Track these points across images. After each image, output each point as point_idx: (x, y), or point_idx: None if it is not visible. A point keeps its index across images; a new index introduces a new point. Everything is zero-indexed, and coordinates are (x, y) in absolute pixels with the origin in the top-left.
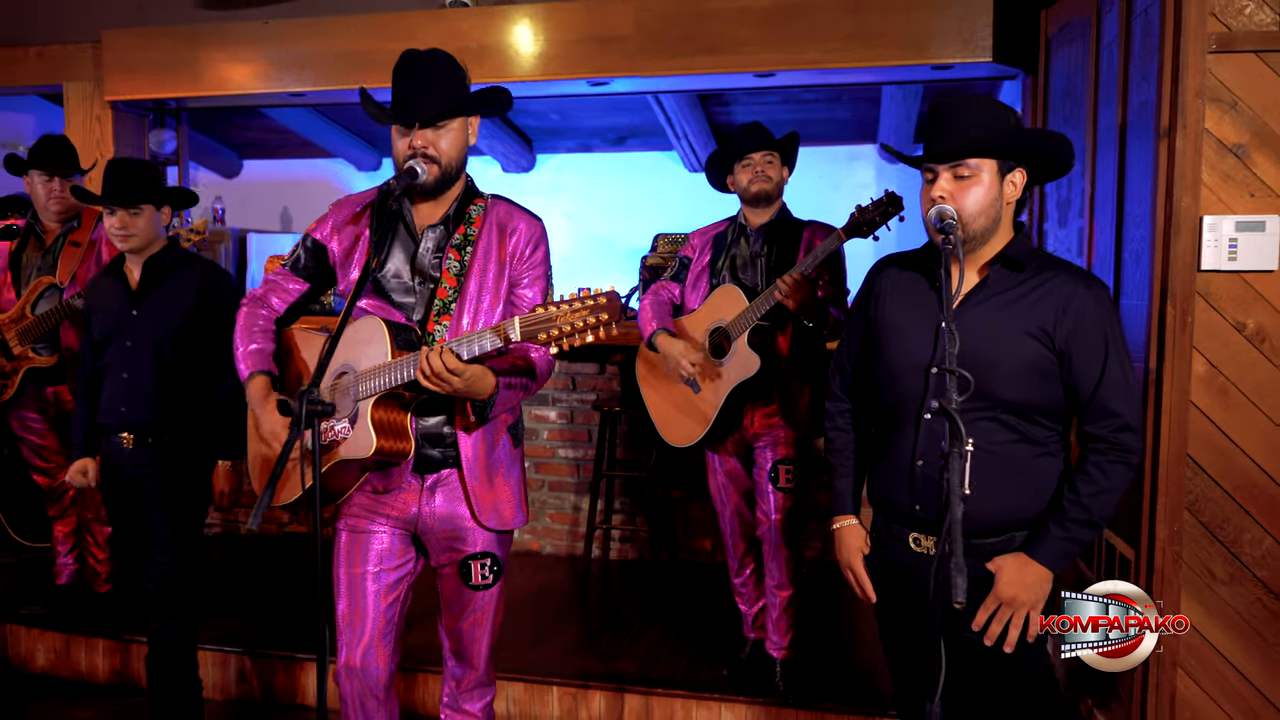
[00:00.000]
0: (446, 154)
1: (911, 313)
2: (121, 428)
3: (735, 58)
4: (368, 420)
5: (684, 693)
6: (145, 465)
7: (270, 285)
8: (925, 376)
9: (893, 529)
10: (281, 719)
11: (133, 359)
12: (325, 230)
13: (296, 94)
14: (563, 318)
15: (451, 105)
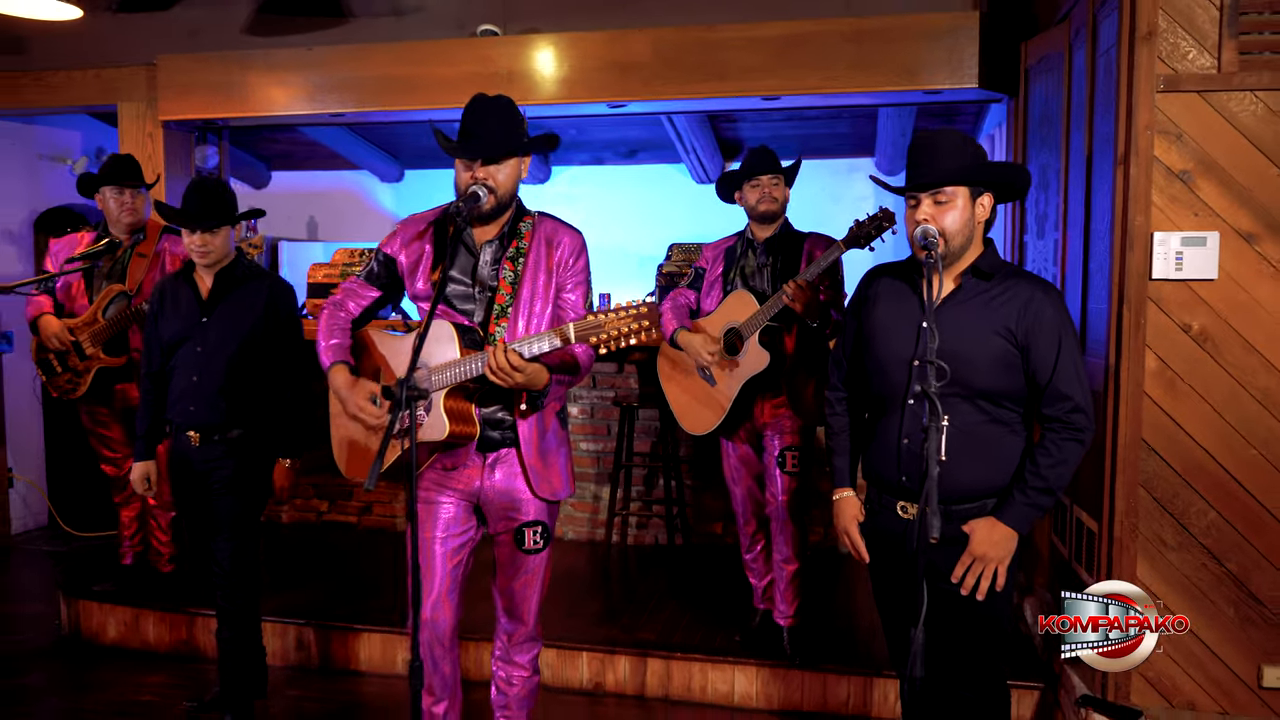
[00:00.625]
0: (503, 185)
1: (897, 315)
2: (190, 426)
3: (744, 83)
4: (441, 408)
5: (701, 657)
6: (213, 459)
7: (347, 292)
8: (909, 368)
9: (884, 499)
10: (336, 682)
11: (202, 363)
12: (395, 245)
13: (336, 114)
14: (610, 324)
15: (510, 147)
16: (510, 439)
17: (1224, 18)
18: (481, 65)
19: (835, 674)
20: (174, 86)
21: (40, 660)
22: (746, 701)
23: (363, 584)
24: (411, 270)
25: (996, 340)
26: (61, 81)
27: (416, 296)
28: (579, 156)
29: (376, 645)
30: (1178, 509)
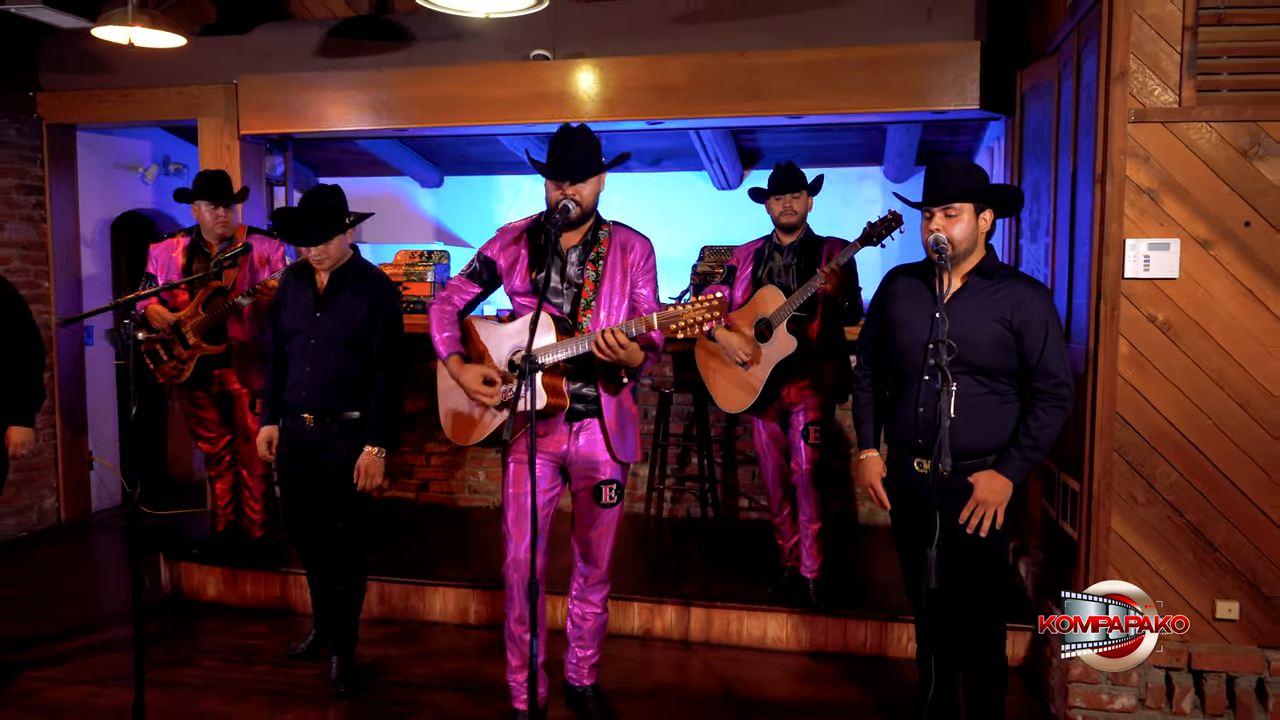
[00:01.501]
0: (587, 199)
1: (914, 307)
2: (304, 409)
3: (772, 103)
4: (540, 384)
5: (737, 606)
6: (328, 439)
7: (453, 289)
8: (924, 350)
9: (902, 457)
10: (413, 629)
11: (315, 355)
12: (494, 249)
13: (400, 129)
14: (687, 314)
15: (592, 169)
16: (593, 410)
17: (1184, 62)
18: (534, 86)
19: (855, 619)
20: (254, 104)
21: (150, 615)
22: (777, 644)
23: (431, 551)
24: (509, 270)
25: (994, 327)
26: (145, 98)
27: (514, 292)
28: None
29: (451, 599)
30: (1146, 471)
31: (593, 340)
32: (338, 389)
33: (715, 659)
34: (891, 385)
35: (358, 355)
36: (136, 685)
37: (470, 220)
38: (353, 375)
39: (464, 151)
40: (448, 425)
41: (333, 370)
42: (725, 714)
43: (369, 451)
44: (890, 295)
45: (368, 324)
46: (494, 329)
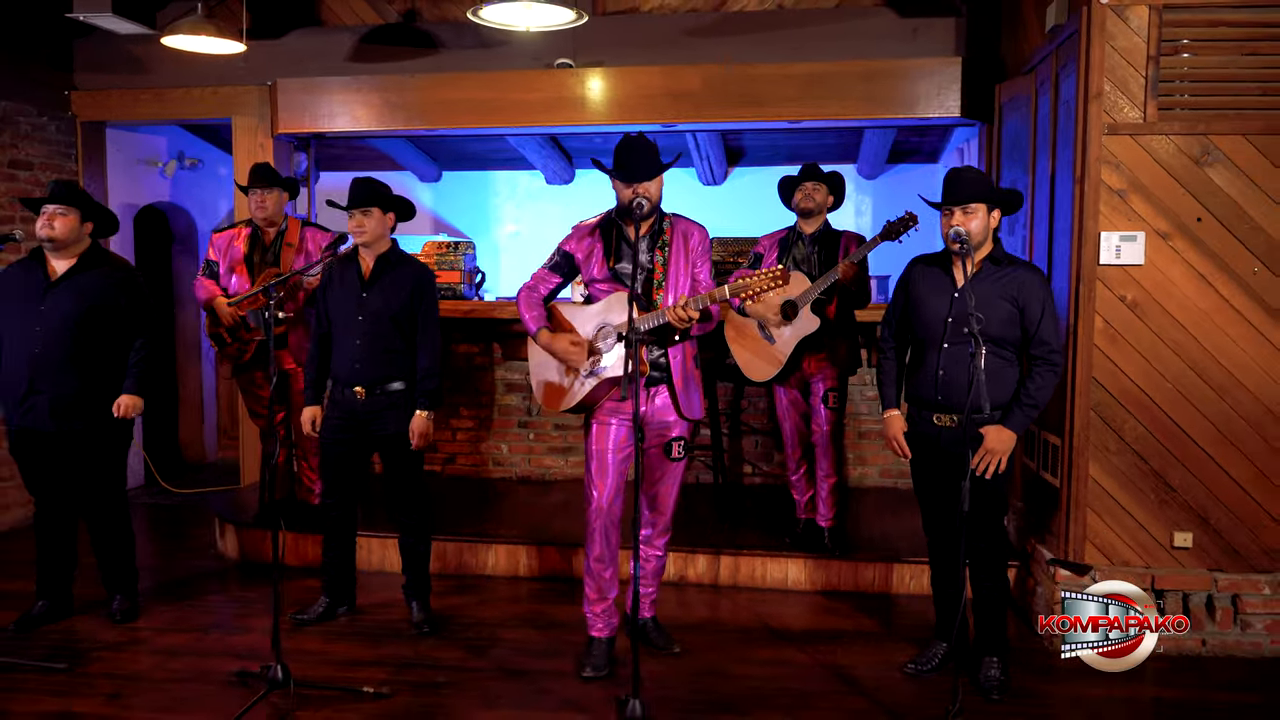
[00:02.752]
0: (654, 195)
1: (934, 289)
2: (355, 382)
3: (776, 109)
4: (624, 351)
5: (762, 553)
6: (379, 410)
7: (538, 280)
8: (944, 324)
9: (923, 414)
10: (470, 582)
11: (365, 329)
12: (572, 244)
13: (430, 130)
14: (755, 283)
15: (657, 171)
16: (664, 376)
17: (1148, 85)
18: (558, 91)
19: (865, 562)
20: (290, 105)
21: (222, 577)
22: (797, 585)
23: (469, 515)
24: (586, 261)
25: (1003, 304)
26: (180, 97)
27: (592, 280)
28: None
29: (502, 555)
30: (1116, 425)
31: (670, 312)
32: (385, 359)
33: (744, 599)
34: (912, 354)
35: (401, 330)
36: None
37: (467, 214)
38: (398, 346)
39: (464, 148)
40: (540, 394)
41: (380, 342)
42: (760, 639)
43: (420, 415)
44: (912, 280)
45: (411, 300)
46: (577, 311)
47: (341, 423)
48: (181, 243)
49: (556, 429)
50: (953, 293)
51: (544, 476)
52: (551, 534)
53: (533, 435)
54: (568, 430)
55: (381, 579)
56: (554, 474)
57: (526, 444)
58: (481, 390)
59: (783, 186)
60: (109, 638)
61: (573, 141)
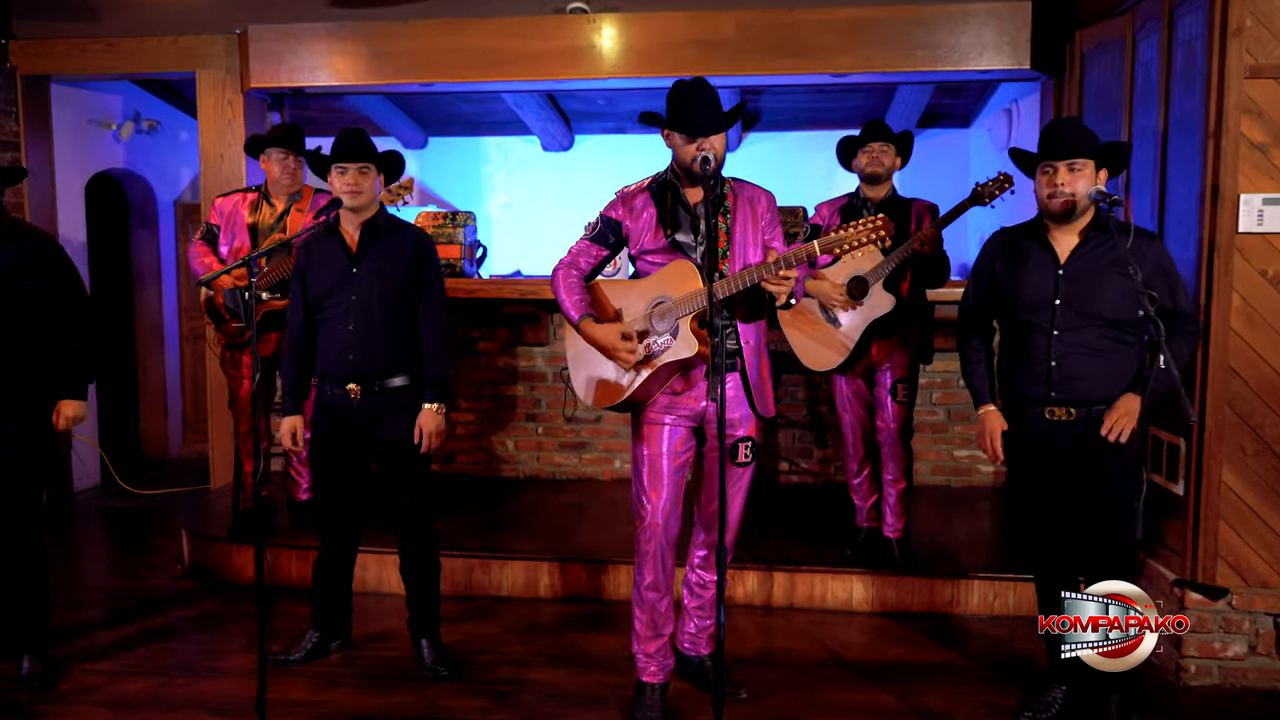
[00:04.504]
0: (720, 151)
1: (1031, 267)
2: (349, 378)
3: (820, 60)
4: (688, 330)
5: (822, 569)
6: (377, 411)
7: (578, 253)
8: (1052, 308)
9: (1029, 410)
10: (485, 606)
11: (358, 311)
12: (619, 211)
13: (426, 84)
14: (851, 236)
15: (725, 124)
16: (733, 363)
17: None
18: (572, 39)
19: (941, 578)
20: (263, 56)
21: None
22: (862, 606)
23: (477, 523)
24: (640, 229)
25: (1117, 279)
26: (134, 48)
27: (643, 251)
28: (602, 125)
29: (519, 573)
30: (1255, 422)
31: (765, 269)
32: (386, 346)
33: (803, 623)
34: (1007, 341)
35: (403, 306)
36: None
37: (455, 183)
38: (401, 328)
39: (454, 110)
40: (584, 390)
41: (380, 324)
42: (835, 676)
43: (429, 410)
44: (1000, 256)
45: (410, 270)
46: (624, 289)
47: (334, 428)
48: (139, 215)
49: (568, 423)
50: (1056, 270)
51: (554, 475)
52: (574, 546)
53: (541, 430)
54: (580, 424)
55: (380, 603)
56: (565, 472)
57: (535, 439)
58: (485, 380)
59: (843, 148)
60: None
61: (572, 103)
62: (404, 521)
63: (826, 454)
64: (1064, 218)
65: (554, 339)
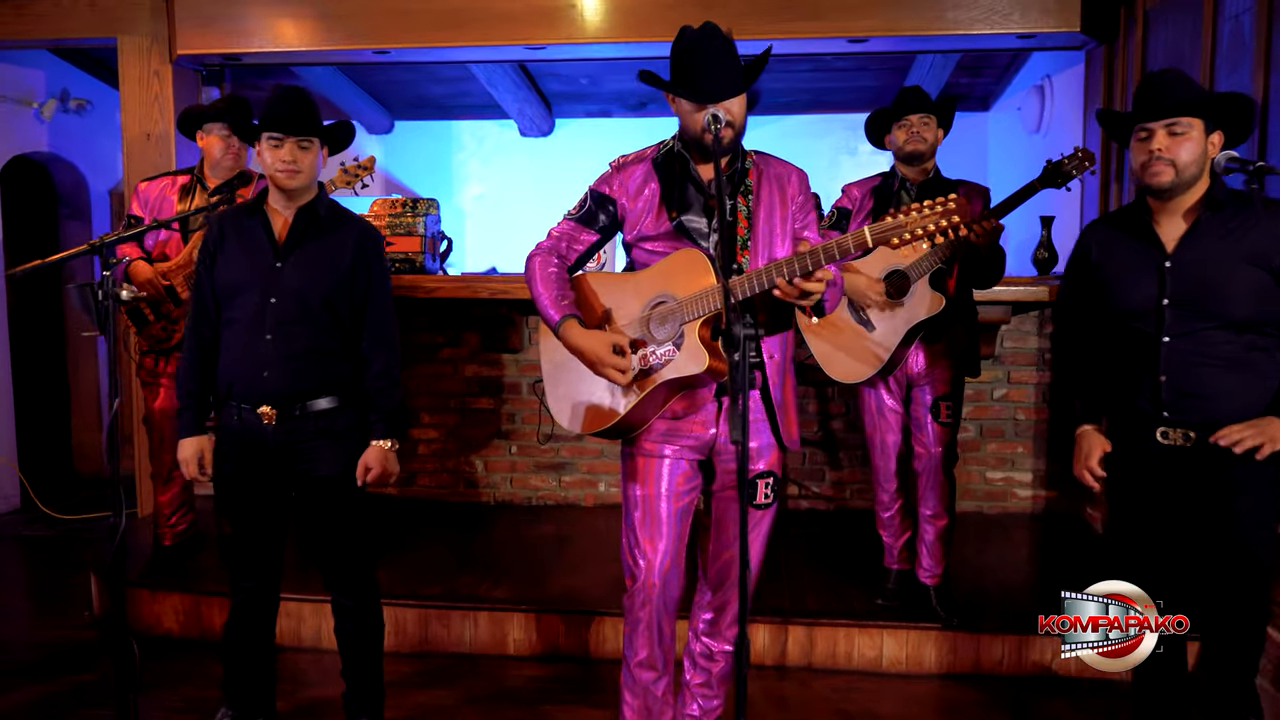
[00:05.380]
0: (739, 118)
1: (1132, 263)
2: (261, 399)
3: (837, 23)
4: (696, 339)
5: (846, 621)
6: (299, 442)
7: (561, 237)
8: (1159, 309)
9: (1134, 429)
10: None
11: (279, 317)
12: (612, 186)
13: (379, 51)
14: (912, 223)
15: (742, 86)
16: (752, 380)
17: None
18: None
19: (989, 634)
20: (193, 19)
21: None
22: (895, 666)
23: (436, 560)
24: (638, 210)
25: (1247, 269)
26: (48, 10)
27: (642, 238)
28: (585, 108)
29: (483, 625)
30: None
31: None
32: (311, 364)
33: (826, 689)
34: (1113, 351)
35: (338, 318)
36: None
37: (424, 172)
38: (333, 343)
39: (423, 92)
40: (562, 411)
41: (304, 338)
42: None
43: (378, 446)
44: (1094, 251)
45: (353, 275)
46: (616, 284)
47: (243, 462)
48: (68, 205)
49: (546, 441)
50: (1162, 262)
51: (530, 501)
52: (552, 591)
53: (515, 449)
54: (560, 442)
55: (319, 662)
56: (543, 498)
57: (508, 459)
58: (450, 392)
59: (874, 124)
60: None
61: (552, 82)
62: (337, 574)
63: (840, 476)
64: (1165, 194)
65: (529, 345)
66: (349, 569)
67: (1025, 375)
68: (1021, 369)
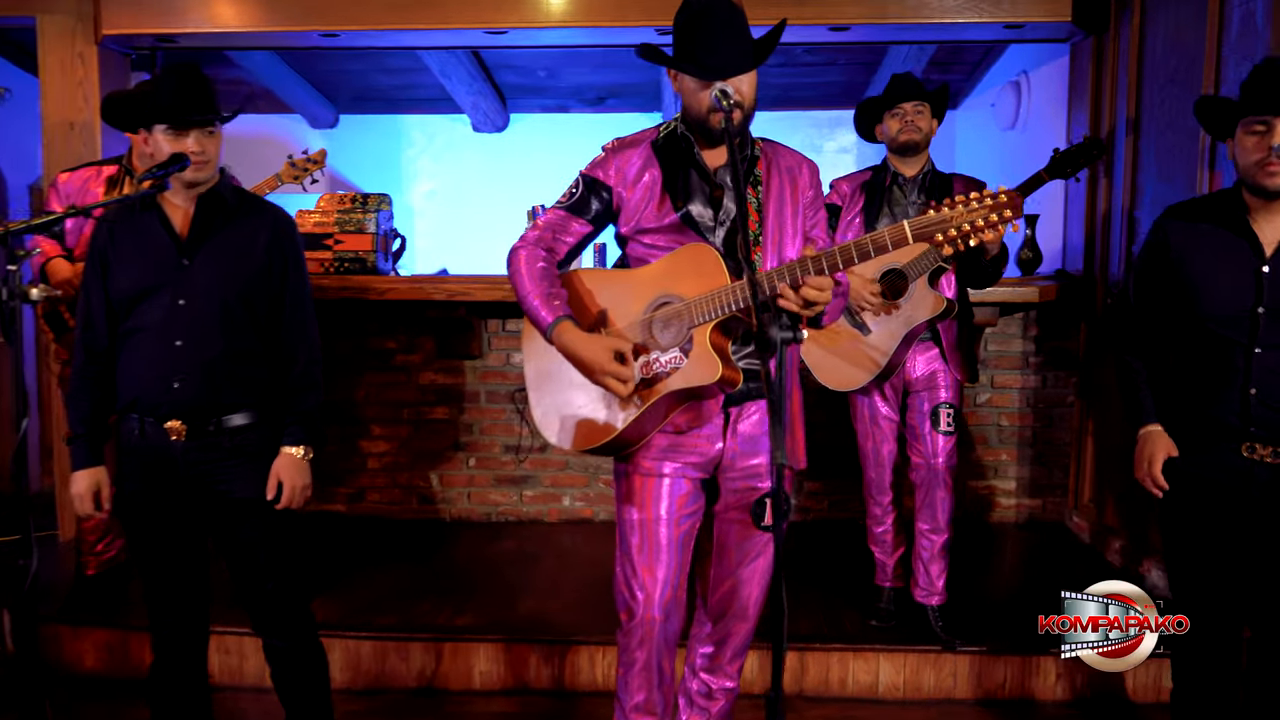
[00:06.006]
0: (749, 97)
1: (1223, 263)
2: (170, 413)
3: (816, 9)
4: (707, 345)
5: (839, 645)
6: (212, 460)
7: (550, 227)
8: (1251, 317)
9: (1213, 442)
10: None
11: (186, 321)
12: (608, 170)
13: (327, 35)
14: (959, 218)
15: (753, 60)
16: (758, 389)
17: None
18: None
19: (990, 655)
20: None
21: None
22: (892, 693)
23: (390, 584)
24: (637, 199)
25: None
26: None
27: (640, 230)
28: (541, 103)
29: (445, 658)
30: None
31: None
32: (229, 371)
33: (821, 718)
34: (1193, 357)
35: (255, 317)
36: None
37: (371, 169)
38: (249, 345)
39: (371, 83)
40: (550, 425)
41: (220, 341)
42: None
43: (290, 455)
44: (1176, 248)
45: (270, 266)
46: (612, 281)
47: (148, 484)
48: None
49: (506, 451)
50: (1258, 266)
51: (489, 517)
52: (521, 617)
53: (473, 461)
54: (522, 454)
55: (260, 703)
56: (503, 513)
57: (465, 473)
58: (403, 401)
59: (863, 114)
60: None
61: (508, 75)
62: (264, 613)
63: (817, 486)
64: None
65: (489, 350)
66: (277, 606)
67: (1009, 380)
68: (1006, 373)
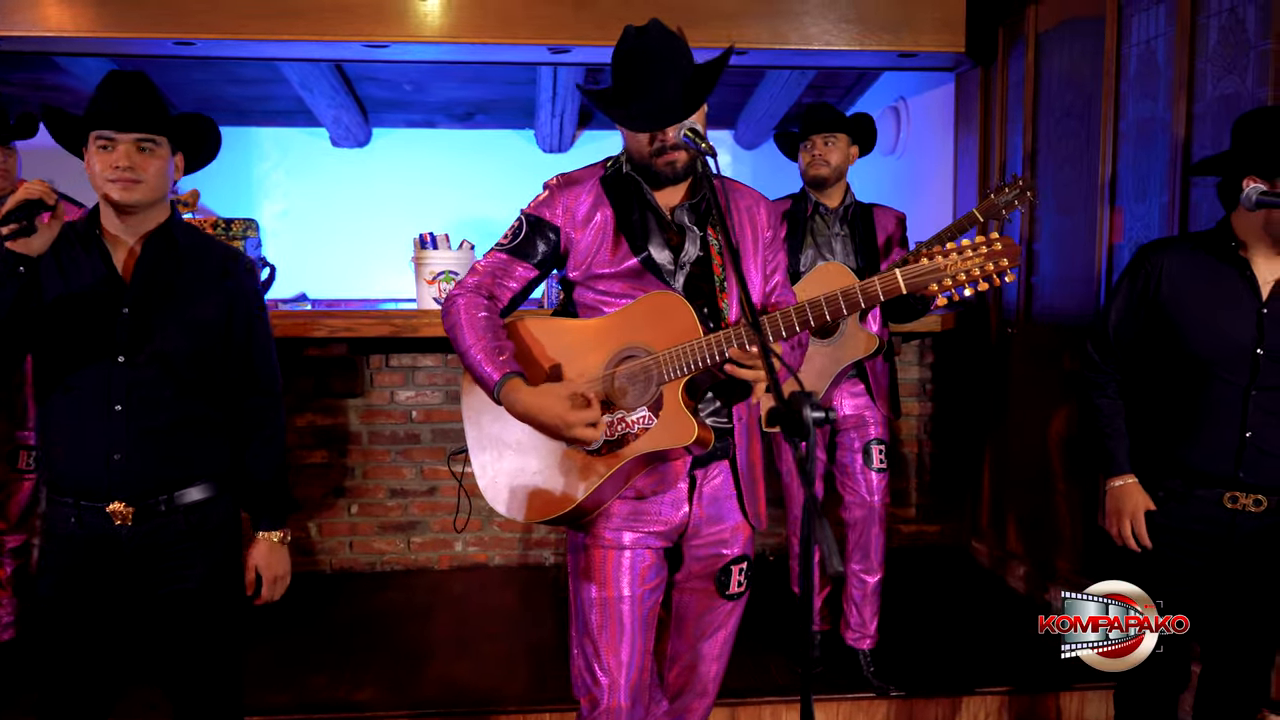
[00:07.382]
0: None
1: (1218, 299)
2: (111, 493)
3: (717, 31)
4: (679, 403)
5: (771, 699)
6: (168, 545)
7: (490, 272)
8: (1249, 359)
9: (1197, 491)
10: None
11: (131, 381)
12: (555, 209)
13: (184, 43)
14: (953, 267)
15: (687, 108)
16: (722, 450)
17: None
18: None
19: (922, 698)
20: None
21: None
22: None
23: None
24: (588, 242)
25: None
26: None
27: (596, 275)
28: (406, 117)
29: None
30: None
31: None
32: (179, 441)
33: None
34: (1178, 395)
35: (210, 378)
36: None
37: (218, 186)
38: (202, 413)
39: (217, 93)
40: (498, 493)
41: (168, 407)
42: None
43: (268, 540)
44: (1167, 285)
45: (231, 319)
46: (565, 332)
47: (80, 579)
48: None
49: (392, 496)
50: (1258, 307)
51: (374, 567)
52: (429, 684)
53: (355, 508)
54: (409, 498)
55: None
56: (390, 562)
57: (347, 521)
58: None
59: (783, 144)
60: None
61: (371, 88)
62: (198, 710)
63: None
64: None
65: (371, 388)
66: (216, 703)
67: (908, 407)
68: (904, 400)
